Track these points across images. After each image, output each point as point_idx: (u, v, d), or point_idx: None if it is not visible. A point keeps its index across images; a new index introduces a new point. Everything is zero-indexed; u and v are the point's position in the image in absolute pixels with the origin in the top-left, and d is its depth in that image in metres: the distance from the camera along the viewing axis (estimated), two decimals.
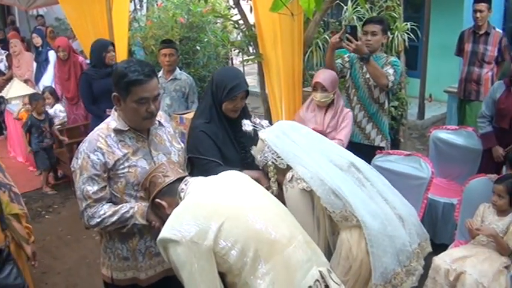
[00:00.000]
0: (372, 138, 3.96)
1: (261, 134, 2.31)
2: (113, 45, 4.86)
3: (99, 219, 2.16)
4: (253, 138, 2.41)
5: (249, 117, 2.52)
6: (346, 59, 3.96)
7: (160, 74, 4.81)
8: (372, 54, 3.63)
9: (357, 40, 3.49)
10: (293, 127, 2.33)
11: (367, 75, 3.78)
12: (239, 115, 2.60)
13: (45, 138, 5.75)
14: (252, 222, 1.76)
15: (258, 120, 2.41)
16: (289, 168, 2.17)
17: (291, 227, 1.85)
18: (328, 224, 2.11)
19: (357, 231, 2.05)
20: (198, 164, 2.53)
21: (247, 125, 2.39)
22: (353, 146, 3.47)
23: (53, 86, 6.63)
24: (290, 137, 2.24)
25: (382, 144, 4.00)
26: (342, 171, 2.13)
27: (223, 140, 2.58)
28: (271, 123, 2.45)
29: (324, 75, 3.42)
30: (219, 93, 2.56)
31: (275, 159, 2.22)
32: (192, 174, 2.30)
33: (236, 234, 1.71)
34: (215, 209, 1.79)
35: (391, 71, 3.67)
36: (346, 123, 3.47)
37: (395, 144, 5.07)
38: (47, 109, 5.97)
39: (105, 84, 4.74)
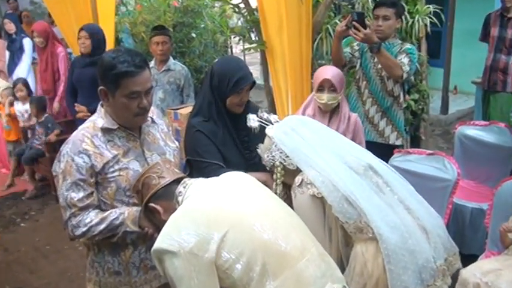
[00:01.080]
0: (386, 136, 3.96)
1: (268, 130, 2.30)
2: (86, 31, 4.83)
3: (85, 228, 2.16)
4: (260, 135, 2.40)
5: (255, 111, 2.50)
6: (356, 48, 3.95)
7: (152, 64, 4.81)
8: (383, 41, 3.63)
9: (365, 28, 3.47)
10: (303, 122, 2.30)
11: (379, 66, 3.78)
12: (244, 111, 2.60)
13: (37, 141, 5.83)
14: (259, 231, 1.74)
15: (265, 115, 2.40)
16: (299, 170, 2.15)
17: (304, 238, 1.83)
18: (341, 235, 2.09)
19: (373, 245, 2.01)
20: (197, 167, 2.54)
21: (252, 120, 2.37)
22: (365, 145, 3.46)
23: (30, 78, 6.66)
24: (300, 134, 2.22)
25: (398, 143, 4.00)
26: (358, 175, 2.10)
27: (223, 140, 2.58)
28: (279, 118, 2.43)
29: (332, 72, 3.14)
30: (222, 86, 2.56)
31: (283, 159, 2.21)
32: (191, 178, 2.30)
33: (241, 246, 1.69)
34: (218, 216, 1.77)
35: (406, 60, 3.65)
36: (360, 136, 3.23)
37: (415, 142, 5.07)
38: (17, 105, 6.02)
39: (82, 75, 4.81)
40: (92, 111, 2.26)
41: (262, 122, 2.37)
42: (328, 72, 3.14)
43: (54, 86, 6.22)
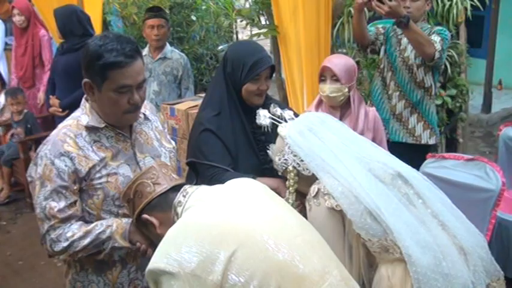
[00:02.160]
0: (418, 135, 3.97)
1: (281, 129, 2.29)
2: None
3: (66, 244, 2.15)
4: (276, 134, 2.41)
5: (267, 105, 2.50)
6: (381, 30, 4.01)
7: (145, 51, 4.83)
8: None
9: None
10: (322, 120, 2.28)
11: (406, 53, 3.82)
12: (264, 102, 2.61)
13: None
14: (273, 250, 1.72)
15: (278, 111, 2.39)
16: (315, 177, 2.14)
17: (325, 259, 1.81)
18: (363, 255, 2.07)
19: (402, 267, 2.00)
20: (201, 171, 2.55)
21: (263, 117, 2.37)
22: (392, 147, 3.44)
23: (1, 65, 6.71)
24: (318, 135, 2.20)
25: (432, 142, 4.00)
26: (384, 185, 2.08)
27: (236, 138, 2.59)
28: (296, 115, 2.42)
29: (336, 60, 3.19)
30: (236, 74, 2.58)
31: (297, 164, 2.21)
32: (196, 184, 2.30)
33: (252, 267, 1.67)
34: (224, 231, 1.75)
35: (437, 38, 3.69)
36: (380, 134, 3.27)
37: (452, 146, 5.05)
38: None
39: (56, 63, 4.87)
40: (65, 107, 2.25)
41: (274, 119, 2.37)
42: (332, 59, 3.20)
43: (33, 74, 6.26)
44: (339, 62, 3.15)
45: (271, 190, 2.07)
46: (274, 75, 4.83)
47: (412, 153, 3.62)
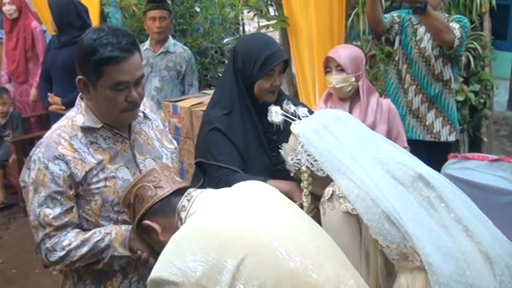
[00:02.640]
0: (436, 132, 3.99)
1: (294, 127, 2.29)
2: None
3: (62, 253, 2.14)
4: (289, 134, 2.41)
5: (280, 102, 2.50)
6: (397, 19, 4.03)
7: (146, 45, 4.85)
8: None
9: None
10: (339, 118, 2.28)
11: (422, 44, 3.86)
12: (276, 99, 2.61)
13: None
14: (284, 258, 1.71)
15: (291, 107, 2.39)
16: (330, 179, 2.14)
17: (339, 267, 1.81)
18: (381, 263, 2.07)
19: (422, 276, 1.99)
20: (209, 172, 2.56)
21: (275, 114, 2.37)
22: (409, 146, 3.45)
23: None
24: (333, 133, 2.20)
25: (452, 138, 4.02)
26: (403, 187, 2.07)
27: (246, 138, 2.60)
28: (310, 112, 2.43)
29: (341, 50, 3.30)
30: (247, 70, 2.59)
31: (311, 164, 2.21)
32: (203, 185, 2.31)
33: (262, 276, 1.67)
34: (232, 238, 1.74)
35: (456, 25, 3.72)
36: (397, 127, 3.30)
37: (475, 145, 5.04)
38: None
39: (55, 57, 4.86)
40: (67, 105, 2.26)
41: (287, 117, 2.36)
42: (336, 50, 3.31)
43: (25, 68, 6.28)
44: (343, 52, 3.24)
45: (281, 194, 2.06)
46: None
47: (431, 153, 3.61)
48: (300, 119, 2.34)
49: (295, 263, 1.71)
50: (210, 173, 2.56)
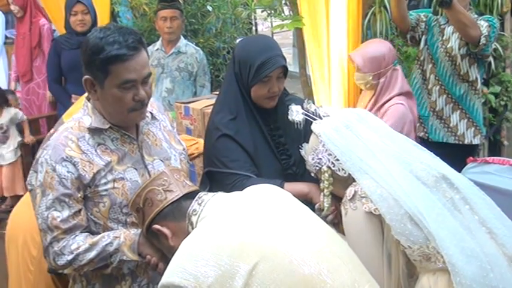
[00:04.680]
0: (460, 134, 3.99)
1: (315, 126, 2.29)
2: (85, 4, 4.89)
3: (70, 257, 2.15)
4: (300, 136, 2.40)
5: (299, 102, 2.49)
6: (423, 18, 4.07)
7: (157, 45, 4.87)
8: None
9: None
10: (361, 117, 2.29)
11: (449, 44, 3.89)
12: (277, 104, 2.59)
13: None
14: (298, 264, 1.72)
15: (313, 107, 2.38)
16: (352, 179, 2.15)
17: (354, 273, 1.81)
18: (403, 264, 2.07)
19: (445, 278, 1.99)
20: (222, 181, 2.53)
21: (296, 113, 2.35)
22: (431, 148, 3.45)
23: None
24: (355, 132, 2.21)
25: (476, 141, 4.02)
26: (427, 188, 2.08)
27: (256, 144, 2.58)
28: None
29: (363, 50, 3.56)
30: (244, 74, 2.56)
31: (332, 163, 2.21)
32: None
33: (275, 282, 1.67)
34: (245, 243, 1.75)
35: (484, 23, 3.75)
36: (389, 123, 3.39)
37: (495, 149, 5.02)
38: None
39: (76, 57, 4.84)
40: None
41: (308, 116, 2.35)
42: (360, 48, 3.67)
43: (30, 66, 6.31)
44: (364, 51, 3.54)
45: (295, 198, 2.06)
46: (298, 70, 4.84)
47: (454, 155, 3.58)
48: (320, 118, 2.34)
49: (309, 268, 1.72)
50: (220, 180, 2.54)
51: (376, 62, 3.40)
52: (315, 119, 2.33)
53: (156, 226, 2.01)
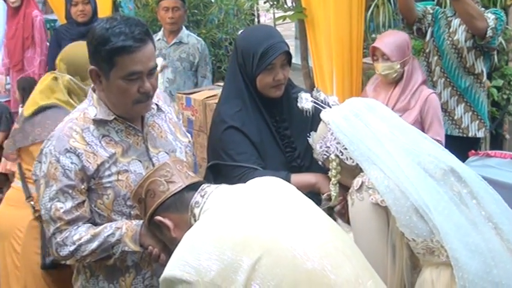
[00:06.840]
0: (464, 127, 3.99)
1: (324, 114, 2.28)
2: None
3: (72, 247, 2.15)
4: (305, 129, 2.38)
5: (291, 95, 2.50)
6: (430, 10, 4.07)
7: (159, 36, 4.86)
8: None
9: None
10: (370, 106, 2.27)
11: (456, 36, 3.89)
12: (283, 96, 2.58)
13: None
14: (301, 258, 1.71)
15: (322, 95, 2.38)
16: (359, 168, 2.14)
17: (358, 268, 1.80)
18: (407, 256, 2.07)
19: (448, 272, 1.99)
20: (226, 173, 2.52)
21: (305, 100, 2.35)
22: None
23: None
24: (365, 121, 2.20)
25: (480, 134, 4.03)
26: (434, 181, 2.07)
27: (262, 136, 2.57)
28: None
29: (387, 39, 3.64)
30: (247, 64, 2.55)
31: (340, 152, 2.20)
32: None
33: (278, 277, 1.66)
34: (248, 236, 1.74)
35: (491, 16, 3.76)
36: (431, 112, 3.52)
37: (497, 142, 5.01)
38: None
39: None
40: None
41: (317, 104, 2.34)
42: (382, 38, 3.71)
43: (22, 56, 6.31)
44: (388, 40, 3.61)
45: (299, 191, 2.05)
46: (299, 62, 4.84)
47: (457, 148, 3.58)
48: (330, 106, 2.33)
49: (312, 263, 1.71)
50: (226, 173, 2.52)
51: (402, 49, 3.54)
52: (324, 107, 2.33)
53: (158, 217, 2.00)
